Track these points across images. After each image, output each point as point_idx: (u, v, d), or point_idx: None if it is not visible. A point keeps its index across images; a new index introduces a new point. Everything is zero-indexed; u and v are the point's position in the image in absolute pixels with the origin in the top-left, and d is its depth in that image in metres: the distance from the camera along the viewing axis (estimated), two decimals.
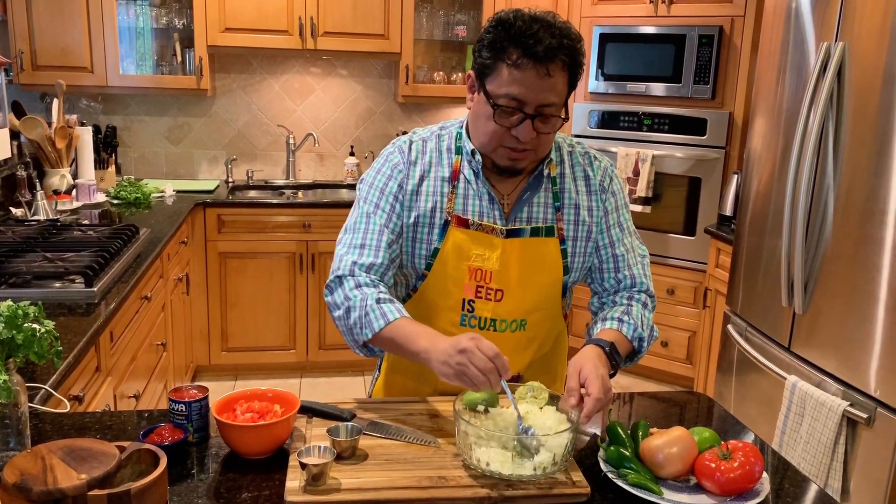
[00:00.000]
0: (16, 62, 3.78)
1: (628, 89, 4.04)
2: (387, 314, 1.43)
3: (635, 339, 1.53)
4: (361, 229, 1.54)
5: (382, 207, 1.55)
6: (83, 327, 1.98)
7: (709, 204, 3.92)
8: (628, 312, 1.56)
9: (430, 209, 1.54)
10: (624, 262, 1.61)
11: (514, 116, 1.43)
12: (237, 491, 1.21)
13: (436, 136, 1.60)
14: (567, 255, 1.58)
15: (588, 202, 1.59)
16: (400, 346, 1.42)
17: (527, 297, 1.56)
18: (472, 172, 1.55)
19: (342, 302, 1.49)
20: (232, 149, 4.49)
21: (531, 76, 1.38)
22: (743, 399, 2.96)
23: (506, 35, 1.40)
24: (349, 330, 1.48)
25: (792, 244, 2.53)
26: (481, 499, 1.19)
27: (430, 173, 1.56)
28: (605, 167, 1.63)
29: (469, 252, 1.53)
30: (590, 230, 1.59)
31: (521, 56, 1.38)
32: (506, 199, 1.56)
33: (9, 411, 1.21)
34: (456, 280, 1.54)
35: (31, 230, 2.85)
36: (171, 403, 1.34)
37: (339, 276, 1.51)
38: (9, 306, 1.20)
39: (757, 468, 1.22)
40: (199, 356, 3.97)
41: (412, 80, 4.24)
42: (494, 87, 1.43)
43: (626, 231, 1.63)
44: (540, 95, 1.40)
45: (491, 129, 1.46)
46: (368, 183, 1.59)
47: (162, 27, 4.11)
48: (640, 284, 1.62)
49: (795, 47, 2.64)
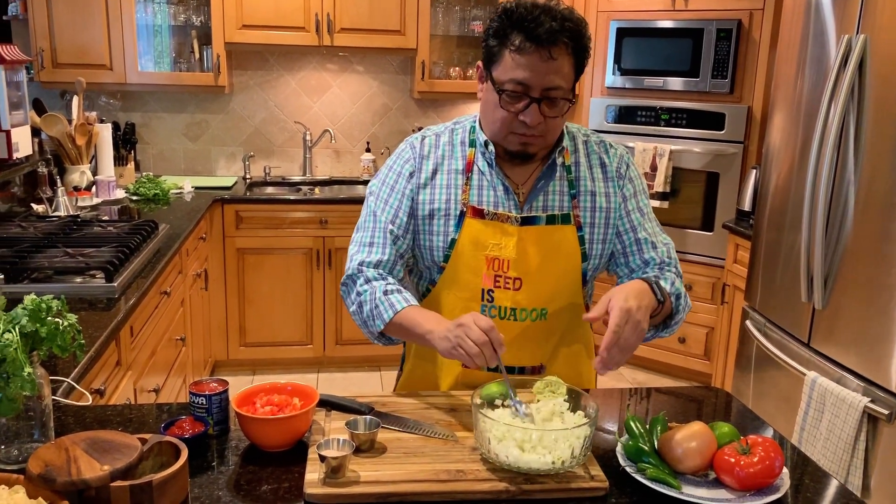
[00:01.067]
0: (36, 60, 3.82)
1: (646, 84, 4.02)
2: (394, 304, 1.49)
3: (673, 294, 1.51)
4: (370, 227, 1.60)
5: (391, 204, 1.59)
6: (104, 322, 2.00)
7: (727, 199, 3.89)
8: (662, 275, 1.56)
9: (445, 201, 1.57)
10: (647, 245, 1.60)
11: (520, 102, 1.45)
12: (257, 483, 1.22)
13: (449, 131, 1.63)
14: (585, 242, 1.58)
15: (605, 189, 1.60)
16: (409, 332, 1.48)
17: (546, 284, 1.56)
18: (485, 163, 1.57)
19: (355, 298, 1.56)
20: (249, 145, 4.51)
21: (534, 60, 1.41)
22: (761, 395, 2.95)
23: (509, 21, 1.43)
24: (364, 323, 1.56)
25: (812, 239, 2.51)
26: (499, 492, 1.20)
27: (443, 166, 1.59)
28: (622, 154, 1.64)
29: (485, 241, 1.55)
30: (608, 217, 1.59)
31: (523, 40, 1.41)
32: (520, 188, 1.58)
33: (33, 403, 1.23)
34: (474, 270, 1.55)
35: (53, 226, 2.89)
36: (191, 396, 1.35)
37: (349, 275, 1.59)
38: (33, 300, 1.22)
39: (777, 463, 1.22)
40: (218, 351, 4.00)
41: (428, 76, 4.24)
42: (500, 74, 1.46)
43: (646, 216, 1.63)
44: (545, 79, 1.42)
45: (499, 115, 1.48)
46: (381, 180, 1.63)
47: (180, 24, 4.13)
48: (666, 263, 1.60)
49: (815, 40, 2.61)
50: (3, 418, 1.21)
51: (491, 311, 1.56)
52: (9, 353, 1.15)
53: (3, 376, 1.15)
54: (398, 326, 1.49)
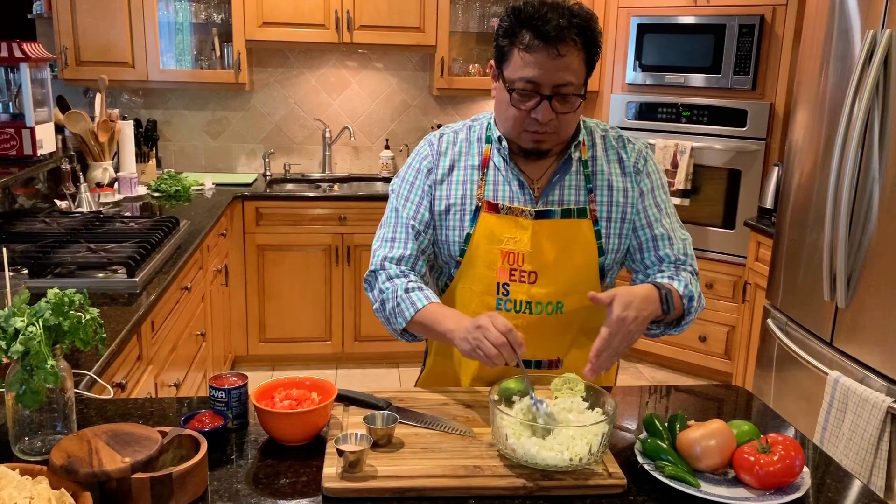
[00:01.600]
0: (60, 58, 3.86)
1: (666, 80, 3.99)
2: (415, 302, 1.51)
3: (686, 296, 1.52)
4: (392, 223, 1.62)
5: (412, 200, 1.61)
6: (125, 316, 2.02)
7: (748, 196, 3.85)
8: (677, 274, 1.56)
9: (461, 196, 1.59)
10: (664, 241, 1.60)
11: (531, 100, 1.46)
12: (275, 477, 1.23)
13: (467, 128, 1.65)
14: (601, 237, 1.58)
15: (623, 184, 1.59)
16: (430, 330, 1.50)
17: (561, 278, 1.56)
18: (501, 159, 1.58)
19: (378, 295, 1.59)
20: (269, 142, 4.54)
21: (543, 57, 1.41)
22: (782, 394, 2.92)
23: (517, 20, 1.44)
24: (387, 320, 1.59)
25: (835, 237, 2.48)
26: (516, 488, 1.19)
27: (460, 162, 1.61)
28: (640, 149, 1.63)
29: (500, 235, 1.55)
30: (625, 211, 1.59)
31: (531, 38, 1.41)
32: (536, 183, 1.58)
33: (56, 396, 1.25)
34: (489, 264, 1.56)
35: (76, 222, 2.92)
36: (211, 390, 1.36)
37: (372, 270, 1.61)
38: (55, 294, 1.23)
39: (797, 462, 1.20)
40: (238, 346, 4.03)
41: (447, 73, 4.23)
42: (510, 73, 1.47)
43: (664, 212, 1.62)
44: (554, 76, 1.42)
45: (512, 113, 1.49)
46: (401, 177, 1.66)
47: (201, 22, 4.16)
48: (683, 260, 1.60)
49: (840, 36, 2.58)
50: (26, 410, 1.22)
51: (506, 304, 1.56)
52: (32, 345, 1.17)
53: (28, 369, 1.17)
54: (419, 324, 1.51)
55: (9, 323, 1.19)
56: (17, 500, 1.01)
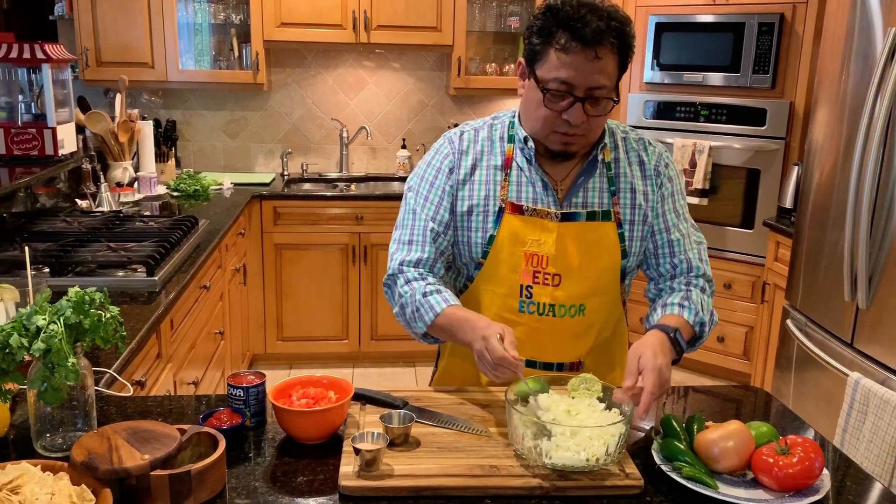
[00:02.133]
0: (81, 59, 3.90)
1: (685, 79, 3.96)
2: (434, 306, 1.50)
3: (697, 323, 1.52)
4: (409, 225, 1.60)
5: (431, 200, 1.58)
6: (145, 315, 2.04)
7: (768, 196, 3.82)
8: (688, 297, 1.54)
9: (484, 197, 1.56)
10: (679, 247, 1.59)
11: (564, 100, 1.44)
12: (293, 475, 1.24)
13: (488, 126, 1.62)
14: (625, 240, 1.57)
15: (643, 187, 1.59)
16: (450, 334, 1.50)
17: (585, 281, 1.55)
18: (524, 160, 1.56)
19: (397, 300, 1.58)
20: (287, 142, 4.56)
21: (580, 59, 1.40)
22: (802, 396, 2.89)
23: (554, 20, 1.41)
24: (408, 324, 1.58)
25: (856, 237, 2.45)
26: (532, 488, 1.19)
27: (482, 162, 1.58)
28: (660, 153, 1.62)
29: (524, 237, 1.54)
30: (645, 214, 1.58)
31: (569, 40, 1.39)
32: (560, 184, 1.57)
33: (76, 393, 1.26)
34: (512, 266, 1.55)
35: (96, 221, 2.95)
36: (229, 388, 1.37)
37: (391, 275, 1.59)
38: (76, 292, 1.25)
39: (817, 464, 1.19)
40: (256, 345, 4.06)
41: (464, 73, 4.23)
42: (544, 72, 1.44)
43: (681, 217, 1.61)
44: (589, 78, 1.41)
45: (542, 114, 1.47)
46: (419, 176, 1.62)
47: (219, 23, 4.19)
48: (696, 269, 1.60)
49: (861, 33, 2.55)
50: (48, 407, 1.24)
51: (529, 307, 1.55)
52: (54, 343, 1.18)
53: (49, 366, 1.18)
54: (439, 328, 1.51)
55: (31, 321, 1.21)
56: (39, 495, 1.03)
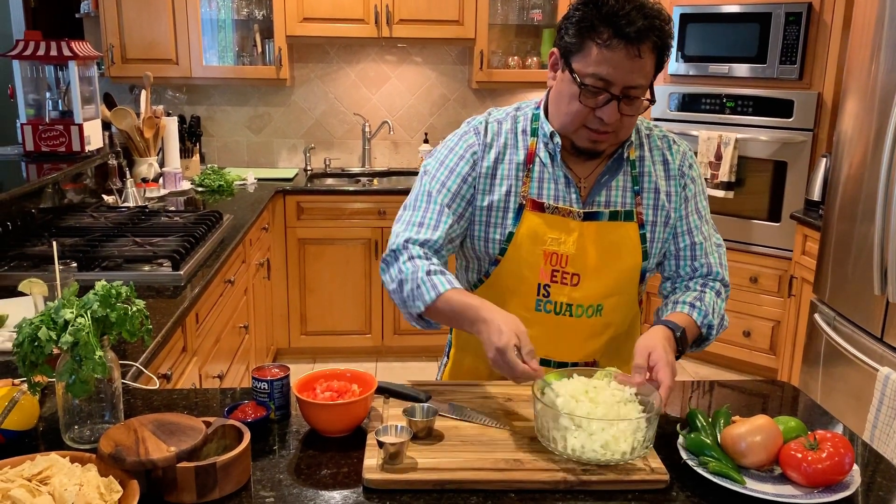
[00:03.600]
0: (107, 56, 3.95)
1: (710, 71, 3.92)
2: (437, 286, 1.42)
3: (704, 325, 1.50)
4: (422, 207, 1.53)
5: (448, 187, 1.53)
6: (170, 309, 2.06)
7: (795, 189, 3.77)
8: (700, 298, 1.52)
9: (505, 193, 1.52)
10: (701, 251, 1.57)
11: (599, 97, 1.40)
12: (317, 468, 1.24)
13: (511, 118, 1.57)
14: (646, 241, 1.54)
15: (667, 187, 1.56)
16: (451, 318, 1.42)
17: (604, 282, 1.53)
18: (547, 155, 1.52)
19: (395, 276, 1.49)
20: (310, 137, 4.58)
21: (621, 56, 1.35)
22: (830, 391, 2.85)
23: (597, 13, 1.36)
24: (403, 302, 1.48)
25: (886, 230, 2.41)
26: (557, 482, 1.19)
27: (504, 156, 1.54)
28: (685, 152, 1.59)
29: (544, 236, 1.51)
30: (668, 215, 1.56)
31: (611, 36, 1.35)
32: (583, 182, 1.53)
33: (104, 386, 1.27)
34: (531, 264, 1.52)
35: (122, 216, 2.98)
36: (254, 382, 1.38)
37: (392, 250, 1.51)
38: (103, 286, 1.26)
39: (847, 460, 1.17)
40: (279, 339, 4.08)
41: (486, 66, 4.22)
42: (582, 66, 1.39)
43: (703, 219, 1.59)
44: (628, 76, 1.37)
45: (575, 108, 1.43)
46: (439, 160, 1.56)
47: (242, 19, 4.21)
48: (715, 273, 1.58)
49: (891, 22, 2.50)
50: (76, 400, 1.25)
51: (546, 306, 1.53)
52: (81, 336, 1.19)
53: (77, 359, 1.20)
54: (440, 310, 1.43)
55: (59, 314, 1.22)
56: (68, 486, 1.04)
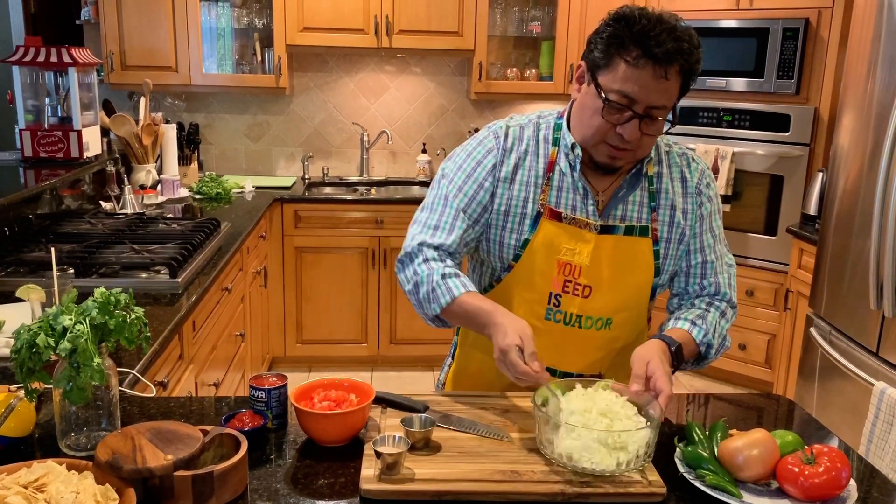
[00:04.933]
0: (106, 63, 3.95)
1: (708, 84, 3.94)
2: (452, 289, 1.46)
3: (703, 344, 1.50)
4: (438, 210, 1.55)
5: (465, 192, 1.53)
6: (167, 316, 2.05)
7: (791, 203, 3.78)
8: (703, 317, 1.52)
9: (523, 199, 1.53)
10: (712, 270, 1.57)
11: (622, 114, 1.40)
12: (314, 477, 1.24)
13: (534, 125, 1.57)
14: (659, 257, 1.55)
15: (683, 204, 1.56)
16: (465, 321, 1.48)
17: (616, 296, 1.53)
18: (567, 165, 1.53)
19: (411, 277, 1.52)
20: (308, 146, 4.58)
21: (647, 76, 1.36)
22: (826, 405, 2.85)
23: (628, 32, 1.36)
24: (419, 304, 1.53)
25: (882, 244, 2.42)
26: (554, 494, 1.19)
27: (524, 162, 1.54)
28: (703, 170, 1.59)
29: (560, 245, 1.51)
30: (683, 233, 1.56)
31: (640, 55, 1.35)
32: (601, 195, 1.54)
33: (101, 393, 1.27)
34: (544, 273, 1.52)
35: (120, 223, 2.98)
36: (251, 390, 1.38)
37: (408, 252, 1.54)
38: (102, 293, 1.26)
39: (844, 474, 1.18)
40: (276, 347, 4.07)
41: (485, 77, 4.23)
42: (608, 82, 1.40)
43: (717, 238, 1.59)
44: (652, 96, 1.38)
45: (596, 123, 1.43)
46: (457, 164, 1.57)
47: (242, 27, 4.22)
48: (723, 294, 1.58)
49: (888, 38, 2.52)
50: (73, 407, 1.25)
51: (556, 315, 1.54)
52: (80, 343, 1.19)
53: (74, 366, 1.20)
54: (454, 313, 1.47)
55: (57, 321, 1.22)
56: (64, 494, 1.04)
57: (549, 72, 4.28)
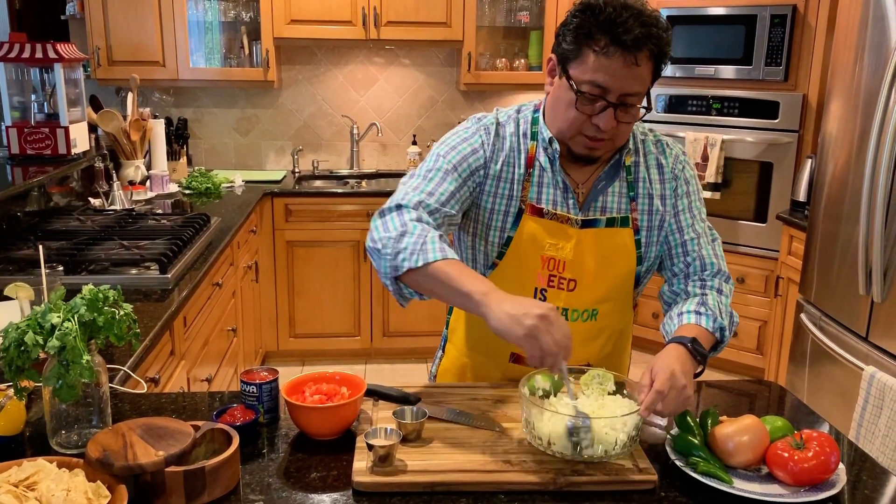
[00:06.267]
0: (93, 58, 3.92)
1: (696, 72, 3.94)
2: (445, 251, 1.35)
3: (716, 329, 1.47)
4: (435, 180, 1.48)
5: (460, 173, 1.49)
6: (158, 312, 2.05)
7: (781, 189, 3.80)
8: (704, 303, 1.50)
9: (507, 197, 1.52)
10: (693, 246, 1.56)
11: (596, 104, 1.39)
12: (306, 471, 1.24)
13: (514, 121, 1.56)
14: (641, 246, 1.55)
15: (661, 191, 1.56)
16: (446, 284, 1.32)
17: (600, 287, 1.53)
18: (547, 160, 1.52)
19: (397, 226, 1.39)
20: (298, 139, 4.57)
21: (618, 64, 1.35)
22: (816, 390, 2.87)
23: (594, 21, 1.35)
24: (395, 254, 1.36)
25: (870, 230, 2.43)
26: (546, 483, 1.19)
27: (510, 159, 1.53)
28: (677, 154, 1.59)
29: (543, 241, 1.51)
30: (662, 219, 1.56)
31: (608, 44, 1.34)
32: (580, 188, 1.54)
33: (91, 391, 1.27)
34: (528, 269, 1.53)
35: (109, 219, 2.97)
36: (242, 385, 1.38)
37: (400, 204, 1.43)
38: (90, 290, 1.25)
39: (833, 458, 1.19)
40: (268, 342, 4.07)
41: (474, 68, 4.22)
42: (578, 74, 1.39)
43: (696, 218, 1.58)
44: (625, 84, 1.37)
45: (571, 115, 1.42)
46: (451, 145, 1.53)
47: (230, 20, 4.20)
48: (710, 266, 1.56)
49: (875, 24, 2.53)
50: (63, 404, 1.25)
51: None
52: (68, 340, 1.19)
53: (64, 364, 1.19)
54: (437, 273, 1.33)
55: (45, 319, 1.21)
56: (55, 492, 1.03)
57: (538, 62, 4.27)
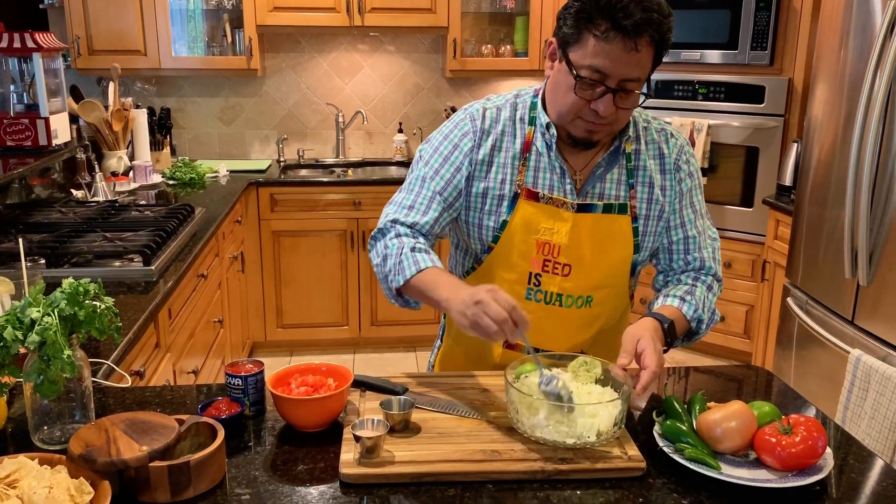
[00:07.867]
0: (73, 47, 3.87)
1: (682, 57, 3.93)
2: (419, 262, 1.43)
3: (694, 319, 1.51)
4: (414, 191, 1.55)
5: (442, 175, 1.53)
6: (142, 305, 2.03)
7: (767, 174, 3.80)
8: (691, 293, 1.53)
9: (501, 181, 1.52)
10: (695, 245, 1.57)
11: (595, 89, 1.38)
12: (293, 463, 1.23)
13: (510, 105, 1.56)
14: (638, 234, 1.54)
15: (662, 181, 1.55)
16: (423, 294, 1.42)
17: (595, 273, 1.53)
18: (544, 145, 1.52)
19: (381, 250, 1.51)
20: (283, 128, 4.53)
21: (618, 49, 1.34)
22: (803, 374, 2.89)
23: (595, 5, 1.34)
24: (385, 278, 1.49)
25: (856, 214, 2.44)
26: (534, 472, 1.19)
27: (502, 144, 1.53)
28: (681, 145, 1.58)
29: (538, 225, 1.51)
30: (662, 209, 1.56)
31: (609, 28, 1.33)
32: (578, 173, 1.53)
33: (73, 385, 1.25)
34: (523, 253, 1.52)
35: (91, 211, 2.93)
36: (227, 378, 1.36)
37: (381, 228, 1.54)
38: (70, 283, 1.23)
39: (820, 443, 1.19)
40: (255, 332, 4.05)
41: (460, 55, 4.20)
42: (578, 58, 1.38)
43: (698, 213, 1.59)
44: (624, 69, 1.36)
45: (570, 100, 1.42)
46: (434, 148, 1.56)
47: (212, 8, 4.15)
48: (708, 268, 1.58)
49: (860, 8, 2.53)
50: (44, 400, 1.23)
51: (536, 295, 1.53)
52: (49, 335, 1.17)
53: (44, 359, 1.17)
54: (415, 288, 1.43)
55: (25, 313, 1.19)
56: (37, 489, 1.02)
57: (524, 48, 4.25)
